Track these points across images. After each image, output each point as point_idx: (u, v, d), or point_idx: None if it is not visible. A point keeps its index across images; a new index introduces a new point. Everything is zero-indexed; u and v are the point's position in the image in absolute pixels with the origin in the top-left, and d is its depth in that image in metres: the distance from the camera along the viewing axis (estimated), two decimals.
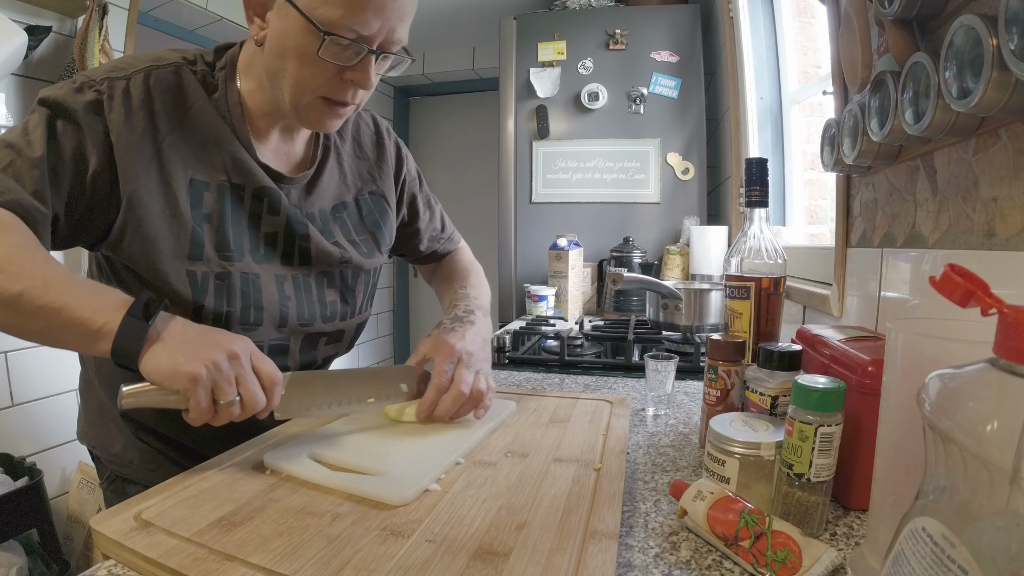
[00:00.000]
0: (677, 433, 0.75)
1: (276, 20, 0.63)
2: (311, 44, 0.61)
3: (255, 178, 0.71)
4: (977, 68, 0.50)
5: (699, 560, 0.45)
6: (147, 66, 0.66)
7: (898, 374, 0.41)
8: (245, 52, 0.71)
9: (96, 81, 0.63)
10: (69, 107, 0.61)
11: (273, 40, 0.64)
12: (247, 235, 0.71)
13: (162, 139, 0.65)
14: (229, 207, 0.69)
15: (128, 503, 0.48)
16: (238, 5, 0.68)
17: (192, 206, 0.67)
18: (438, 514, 0.47)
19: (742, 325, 0.72)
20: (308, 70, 0.64)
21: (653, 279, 1.36)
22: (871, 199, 0.86)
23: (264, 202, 0.71)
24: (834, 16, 0.91)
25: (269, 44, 0.65)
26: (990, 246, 0.58)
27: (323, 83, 0.65)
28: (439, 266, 1.04)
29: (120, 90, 0.63)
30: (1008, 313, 0.26)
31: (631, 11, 2.11)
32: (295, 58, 0.63)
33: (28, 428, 1.64)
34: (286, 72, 0.64)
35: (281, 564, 0.40)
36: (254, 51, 0.69)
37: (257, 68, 0.69)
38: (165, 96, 0.66)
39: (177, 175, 0.66)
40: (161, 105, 0.65)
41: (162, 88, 0.66)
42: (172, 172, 0.65)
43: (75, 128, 0.61)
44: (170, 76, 0.67)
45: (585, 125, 2.09)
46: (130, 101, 0.63)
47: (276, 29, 0.63)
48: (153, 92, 0.65)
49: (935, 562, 0.25)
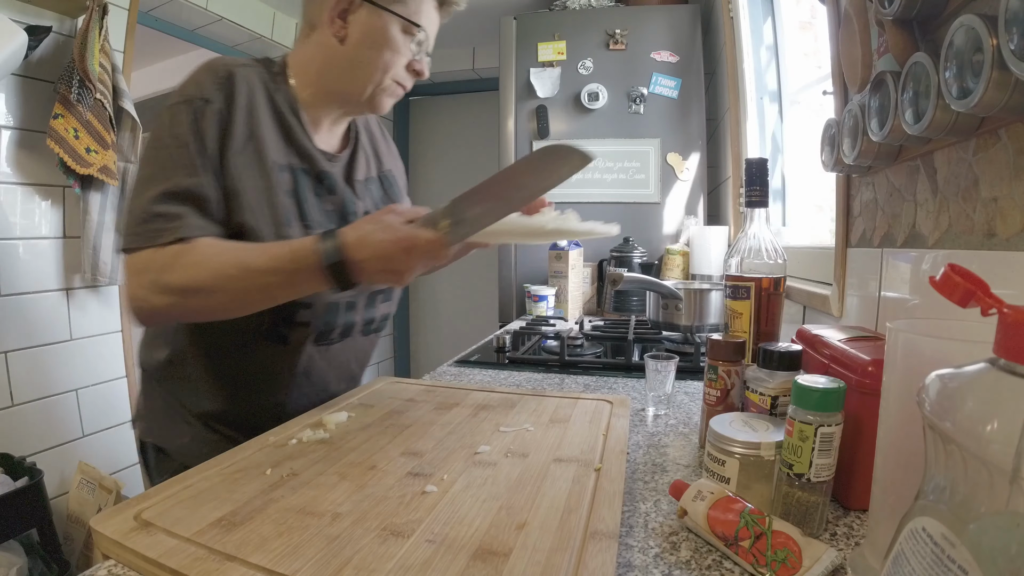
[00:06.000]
0: (677, 433, 0.75)
1: (365, 20, 0.79)
2: (400, 39, 0.80)
3: (316, 162, 0.83)
4: (977, 68, 0.50)
5: (699, 560, 0.45)
6: (241, 64, 0.79)
7: (898, 374, 0.41)
8: (300, 56, 0.84)
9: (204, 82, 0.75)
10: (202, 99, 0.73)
11: (364, 35, 0.79)
12: (316, 210, 0.82)
13: (255, 126, 0.77)
14: (302, 186, 0.81)
15: (128, 503, 0.48)
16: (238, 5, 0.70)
17: (278, 185, 0.78)
18: (438, 514, 0.47)
19: (742, 325, 0.72)
20: (396, 58, 0.81)
21: (653, 279, 1.36)
22: (871, 199, 0.86)
23: (324, 182, 0.84)
24: (834, 16, 0.91)
25: (358, 38, 0.80)
26: (990, 246, 0.58)
27: (399, 69, 0.82)
28: None
29: (230, 84, 0.75)
30: (1008, 313, 0.26)
31: (631, 11, 2.11)
32: (390, 47, 0.80)
33: (28, 428, 1.64)
34: (376, 59, 0.80)
35: (281, 564, 0.40)
36: (324, 54, 0.81)
37: (325, 67, 0.82)
38: (254, 91, 0.78)
39: (268, 158, 0.78)
40: (251, 99, 0.77)
41: (251, 84, 0.78)
42: (264, 155, 0.77)
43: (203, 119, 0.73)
44: (253, 74, 0.79)
45: (585, 125, 2.09)
46: (238, 94, 0.76)
47: (367, 26, 0.79)
48: (252, 87, 0.78)
49: (935, 562, 0.25)
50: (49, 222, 1.69)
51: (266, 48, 2.67)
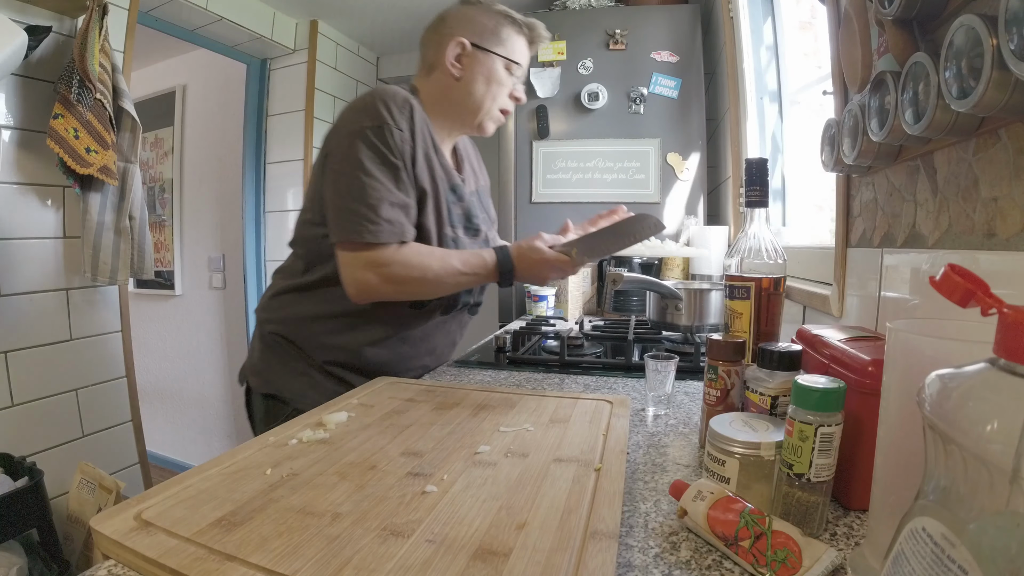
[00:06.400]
0: (677, 433, 0.75)
1: (476, 61, 1.03)
2: (504, 75, 1.05)
3: (452, 176, 1.05)
4: (977, 68, 0.50)
5: (699, 560, 0.45)
6: (410, 94, 1.00)
7: (898, 374, 0.41)
8: (429, 90, 1.06)
9: (392, 110, 0.95)
10: (391, 126, 0.94)
11: (476, 73, 1.03)
12: (455, 214, 1.05)
13: (425, 147, 0.99)
14: (448, 195, 1.03)
15: (128, 503, 0.48)
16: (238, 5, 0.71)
17: (439, 194, 1.01)
18: (438, 514, 0.47)
19: (742, 325, 0.72)
20: (501, 89, 1.06)
21: (653, 279, 1.36)
22: (871, 199, 0.86)
23: (456, 192, 1.06)
24: (834, 16, 0.91)
25: (471, 76, 1.03)
26: (990, 246, 0.58)
27: (504, 99, 1.07)
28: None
29: (411, 112, 0.97)
30: (1008, 313, 0.26)
31: (631, 11, 2.11)
32: (496, 82, 1.04)
33: (28, 428, 1.64)
34: (488, 92, 1.04)
35: (281, 564, 0.40)
36: (443, 89, 1.04)
37: (446, 100, 1.05)
38: (422, 118, 1.00)
39: (434, 173, 1.00)
40: (421, 125, 0.98)
41: (420, 112, 0.99)
42: (433, 171, 1.00)
43: (401, 142, 0.95)
44: (417, 103, 0.99)
45: (585, 125, 2.09)
46: (416, 120, 0.97)
47: (478, 66, 1.03)
48: (421, 115, 0.99)
49: (935, 562, 0.25)
50: (49, 222, 1.69)
51: (266, 48, 2.67)
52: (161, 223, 3.17)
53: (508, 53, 1.04)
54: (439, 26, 1.06)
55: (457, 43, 1.02)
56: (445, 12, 1.07)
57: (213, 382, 3.11)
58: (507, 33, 1.05)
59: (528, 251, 0.98)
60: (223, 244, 3.02)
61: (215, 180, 3.04)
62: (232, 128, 2.89)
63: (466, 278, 0.97)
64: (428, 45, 1.07)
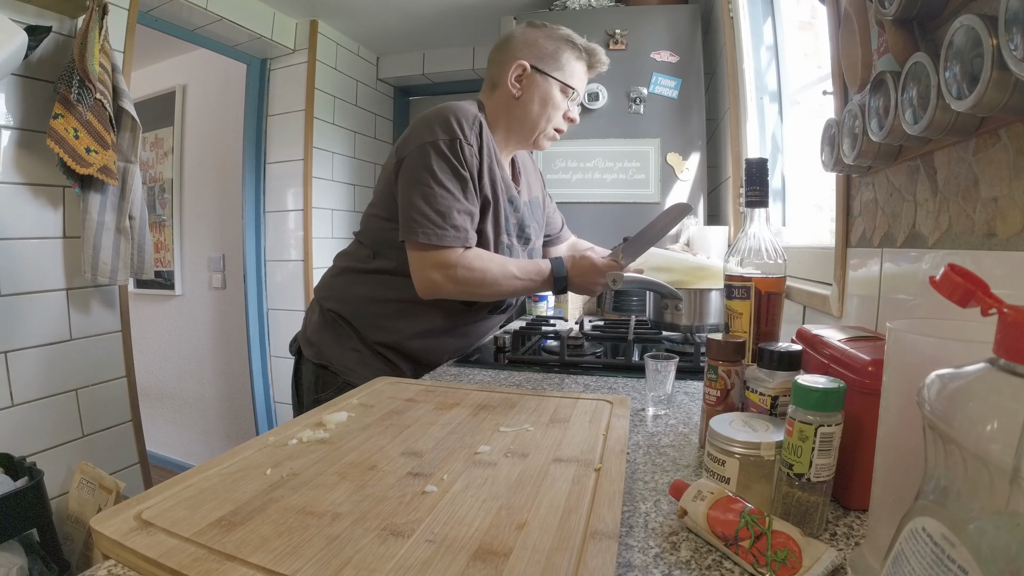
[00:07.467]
0: (677, 433, 0.75)
1: (538, 84, 1.12)
2: (560, 98, 1.13)
3: (510, 188, 1.15)
4: (977, 68, 0.50)
5: (699, 560, 0.45)
6: (479, 110, 1.11)
7: (898, 374, 0.41)
8: (492, 106, 1.15)
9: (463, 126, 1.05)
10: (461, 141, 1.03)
11: (534, 94, 1.12)
12: (511, 223, 1.16)
13: (489, 161, 1.08)
14: (505, 206, 1.13)
15: (128, 503, 0.48)
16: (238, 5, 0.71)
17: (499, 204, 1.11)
18: (438, 514, 0.47)
19: (742, 325, 0.72)
20: (556, 111, 1.14)
21: (653, 279, 1.35)
22: (871, 199, 0.86)
23: (513, 203, 1.16)
24: (834, 16, 0.91)
25: (529, 97, 1.12)
26: (990, 246, 0.58)
27: (559, 120, 1.16)
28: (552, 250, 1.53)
29: (480, 128, 1.07)
30: (1008, 313, 0.26)
31: (631, 11, 2.11)
32: (552, 104, 1.13)
33: (28, 428, 1.64)
34: (543, 113, 1.13)
35: (281, 564, 0.40)
36: (504, 106, 1.13)
37: (506, 117, 1.14)
38: (488, 134, 1.09)
39: (496, 185, 1.10)
40: (488, 140, 1.08)
41: (486, 128, 1.10)
42: (494, 182, 1.10)
43: (471, 156, 1.04)
44: (484, 119, 1.09)
45: (585, 125, 2.09)
46: (484, 136, 1.07)
47: (540, 89, 1.12)
48: (487, 131, 1.10)
49: (935, 562, 0.25)
50: (49, 222, 1.69)
51: (266, 48, 2.67)
52: (161, 223, 3.17)
53: (565, 78, 1.12)
54: (505, 46, 1.14)
55: (518, 65, 1.11)
56: (512, 33, 1.16)
57: (213, 382, 3.11)
58: (566, 58, 1.13)
59: (580, 259, 1.09)
60: (223, 244, 3.02)
61: (215, 180, 3.04)
62: (232, 128, 2.89)
63: (522, 283, 1.06)
64: (493, 63, 1.15)
